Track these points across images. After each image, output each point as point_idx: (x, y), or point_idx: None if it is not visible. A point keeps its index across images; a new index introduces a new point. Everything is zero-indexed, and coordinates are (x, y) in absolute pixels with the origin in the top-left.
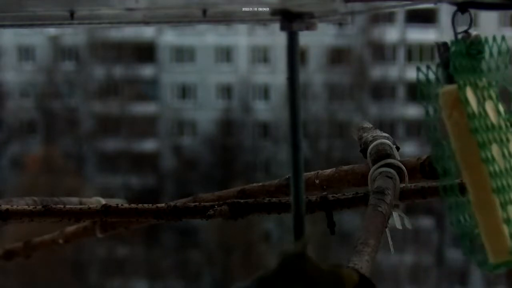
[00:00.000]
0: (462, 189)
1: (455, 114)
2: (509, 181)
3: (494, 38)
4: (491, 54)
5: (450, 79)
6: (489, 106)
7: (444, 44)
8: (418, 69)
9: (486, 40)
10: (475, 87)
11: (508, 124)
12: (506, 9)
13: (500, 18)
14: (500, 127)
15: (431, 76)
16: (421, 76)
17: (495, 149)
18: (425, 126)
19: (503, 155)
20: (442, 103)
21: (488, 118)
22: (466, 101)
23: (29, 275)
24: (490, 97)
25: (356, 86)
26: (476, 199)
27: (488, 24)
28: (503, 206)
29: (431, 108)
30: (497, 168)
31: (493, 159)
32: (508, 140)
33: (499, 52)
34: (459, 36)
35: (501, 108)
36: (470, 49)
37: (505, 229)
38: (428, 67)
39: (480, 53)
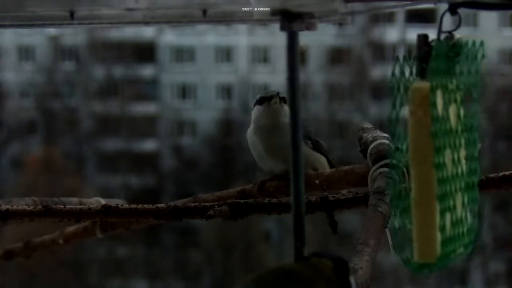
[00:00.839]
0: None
1: (420, 112)
2: (452, 187)
3: (474, 43)
4: (467, 57)
5: (423, 73)
6: (452, 110)
7: (425, 36)
8: (396, 60)
9: (466, 43)
10: (445, 90)
11: (464, 128)
12: (506, 9)
13: (500, 18)
14: (456, 131)
15: (406, 69)
16: (397, 69)
17: (447, 153)
18: (390, 118)
19: (453, 160)
20: (410, 99)
21: (448, 122)
22: (434, 104)
23: (29, 275)
24: (455, 101)
25: (356, 86)
26: (418, 199)
27: (488, 24)
28: (442, 213)
29: (398, 100)
30: (445, 174)
31: (444, 164)
32: (460, 145)
33: (475, 57)
34: (443, 36)
35: (462, 112)
36: (450, 51)
37: (438, 235)
38: (405, 60)
39: (458, 56)
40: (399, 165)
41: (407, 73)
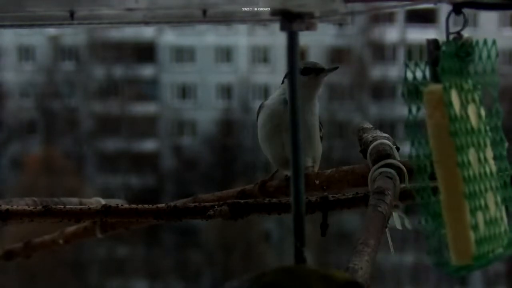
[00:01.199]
0: (435, 188)
1: (437, 114)
2: (481, 186)
3: (485, 42)
4: (480, 57)
5: (436, 77)
6: (471, 109)
7: (434, 41)
8: (406, 65)
9: (477, 43)
10: (460, 90)
11: (488, 128)
12: (506, 9)
13: (500, 18)
14: (480, 131)
15: (418, 73)
16: (408, 73)
17: (472, 153)
18: (406, 123)
19: (479, 160)
20: (426, 102)
21: (468, 122)
22: (450, 103)
23: (29, 275)
24: (474, 100)
25: (356, 86)
26: (447, 202)
27: (488, 24)
28: (473, 212)
29: (414, 106)
30: (471, 173)
31: (469, 163)
32: (485, 144)
33: (488, 56)
34: (451, 37)
35: (482, 112)
36: (460, 51)
37: (472, 235)
38: (416, 64)
39: (469, 56)
40: (420, 169)
41: (419, 77)
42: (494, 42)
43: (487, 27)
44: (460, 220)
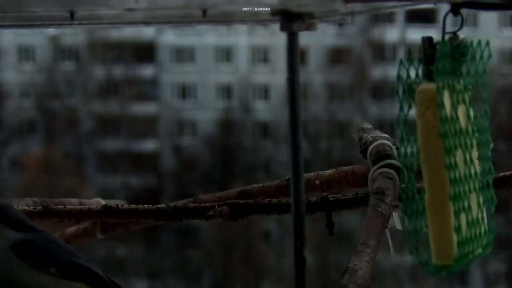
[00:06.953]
0: (420, 187)
1: (428, 114)
2: (465, 188)
3: (479, 43)
4: (473, 58)
5: (429, 76)
6: (461, 110)
7: (429, 38)
8: (401, 62)
9: (471, 44)
10: (452, 90)
11: (475, 128)
12: (506, 9)
13: (500, 18)
14: (467, 132)
15: (412, 72)
16: (403, 71)
17: (459, 154)
18: (397, 121)
19: (465, 161)
20: (418, 101)
21: (458, 123)
22: (442, 104)
23: None
24: (464, 101)
25: (356, 86)
26: (432, 202)
27: (488, 24)
28: (456, 213)
29: (406, 103)
30: (457, 175)
31: (456, 165)
32: (472, 145)
33: (481, 57)
34: (447, 37)
35: (471, 113)
36: (455, 51)
37: (454, 236)
38: (410, 62)
39: (463, 56)
40: (407, 167)
41: (412, 75)
42: (487, 43)
43: (487, 27)
44: (444, 221)
